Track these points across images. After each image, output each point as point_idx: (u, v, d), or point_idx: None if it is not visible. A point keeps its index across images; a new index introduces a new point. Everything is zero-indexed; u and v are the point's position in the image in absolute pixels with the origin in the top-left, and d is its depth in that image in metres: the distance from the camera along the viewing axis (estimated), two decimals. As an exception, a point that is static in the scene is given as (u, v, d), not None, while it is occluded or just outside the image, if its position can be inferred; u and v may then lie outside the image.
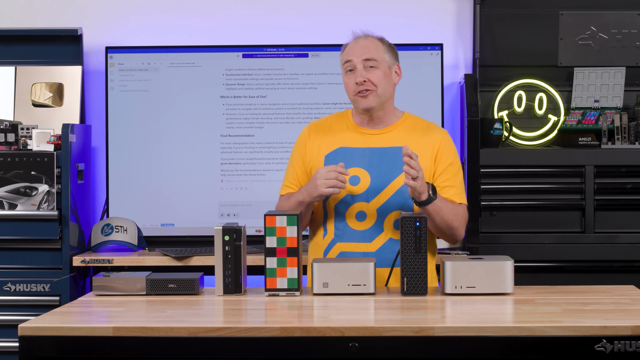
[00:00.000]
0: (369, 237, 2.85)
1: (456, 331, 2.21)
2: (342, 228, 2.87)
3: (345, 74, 2.90)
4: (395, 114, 2.96)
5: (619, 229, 3.88)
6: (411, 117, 2.98)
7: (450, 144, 2.93)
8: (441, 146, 2.89)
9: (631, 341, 2.19)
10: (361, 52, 2.86)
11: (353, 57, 2.87)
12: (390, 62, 2.91)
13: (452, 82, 4.19)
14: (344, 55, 2.91)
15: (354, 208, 2.86)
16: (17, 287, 3.71)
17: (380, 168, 2.86)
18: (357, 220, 2.86)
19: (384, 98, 2.89)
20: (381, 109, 2.90)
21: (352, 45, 2.91)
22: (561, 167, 3.89)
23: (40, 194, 3.68)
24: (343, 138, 2.92)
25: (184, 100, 4.07)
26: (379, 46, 2.90)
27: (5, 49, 4.11)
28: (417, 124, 2.96)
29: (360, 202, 2.85)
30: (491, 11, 4.14)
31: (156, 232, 4.04)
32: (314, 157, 2.93)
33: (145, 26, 4.23)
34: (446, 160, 2.89)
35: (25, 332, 2.26)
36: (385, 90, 2.88)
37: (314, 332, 2.22)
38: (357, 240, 2.85)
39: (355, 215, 2.86)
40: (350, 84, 2.87)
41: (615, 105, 4.08)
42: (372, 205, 2.85)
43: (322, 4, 4.24)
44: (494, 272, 2.62)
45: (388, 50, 2.91)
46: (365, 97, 2.85)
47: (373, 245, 2.85)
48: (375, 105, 2.87)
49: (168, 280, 2.68)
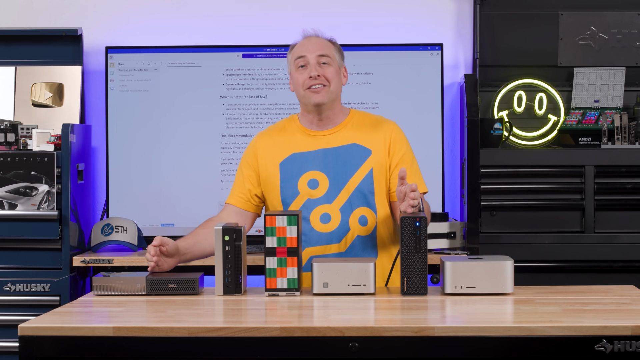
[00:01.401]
0: (337, 238, 2.84)
1: (456, 331, 2.21)
2: (307, 233, 2.85)
3: (296, 69, 2.88)
4: (343, 112, 2.95)
5: (619, 229, 3.88)
6: (358, 114, 2.97)
7: (401, 134, 2.92)
8: (392, 138, 2.89)
9: (631, 341, 2.19)
10: (315, 49, 2.87)
11: (307, 53, 2.87)
12: (340, 63, 2.92)
13: (452, 82, 4.19)
14: (296, 51, 2.90)
15: (317, 211, 2.85)
16: (17, 287, 3.71)
17: (337, 168, 2.86)
18: (322, 222, 2.85)
19: (335, 95, 2.88)
20: (330, 108, 2.89)
21: (305, 42, 2.91)
22: (561, 167, 3.89)
23: (40, 194, 3.68)
24: (294, 143, 2.90)
25: (184, 100, 4.07)
26: (330, 46, 2.91)
27: (5, 49, 4.11)
28: (366, 119, 2.95)
29: (323, 205, 2.85)
30: (491, 11, 4.14)
31: (156, 232, 4.03)
32: (267, 167, 2.90)
33: (145, 26, 4.23)
34: (399, 151, 2.88)
35: (25, 332, 2.26)
36: (336, 87, 2.88)
37: (314, 332, 2.22)
38: (326, 243, 2.85)
39: (320, 217, 2.85)
40: (302, 78, 2.86)
41: (615, 105, 4.08)
42: (335, 205, 2.84)
43: (322, 4, 4.24)
44: (494, 272, 2.62)
45: (338, 51, 2.93)
46: (318, 92, 2.84)
47: (343, 244, 2.85)
48: (327, 101, 2.85)
49: (168, 280, 2.68)
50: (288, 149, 2.90)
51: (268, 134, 2.97)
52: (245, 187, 2.93)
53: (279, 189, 2.87)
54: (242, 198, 2.93)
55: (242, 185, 2.93)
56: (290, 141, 2.91)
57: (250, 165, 2.93)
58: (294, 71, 2.90)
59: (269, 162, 2.90)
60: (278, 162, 2.89)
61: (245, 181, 2.93)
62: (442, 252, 3.75)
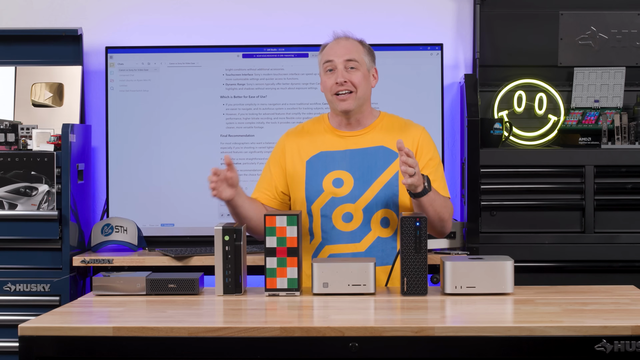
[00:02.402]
0: (357, 237, 2.86)
1: (456, 331, 2.21)
2: (329, 231, 2.87)
3: (324, 73, 2.90)
4: (373, 114, 2.96)
5: (619, 229, 3.87)
6: (388, 116, 2.98)
7: (429, 139, 2.94)
8: (420, 142, 2.91)
9: (631, 341, 2.19)
10: (343, 53, 2.87)
11: (334, 57, 2.87)
12: (369, 65, 2.93)
13: (452, 82, 4.19)
14: (324, 54, 2.91)
15: (340, 210, 2.87)
16: (17, 287, 3.71)
17: (362, 169, 2.87)
18: (344, 221, 2.87)
19: (363, 100, 2.90)
20: (359, 111, 2.91)
21: (333, 45, 2.91)
22: (561, 167, 3.89)
23: (40, 194, 3.68)
24: (322, 142, 2.93)
25: (184, 100, 4.07)
26: (360, 48, 2.91)
27: (5, 49, 4.11)
28: (395, 122, 2.97)
29: (346, 204, 2.86)
30: (491, 11, 4.14)
31: (156, 232, 4.04)
32: (294, 164, 2.93)
33: (145, 26, 4.23)
34: (426, 156, 2.90)
35: (25, 332, 2.26)
36: (364, 92, 2.89)
37: (314, 332, 2.22)
38: (346, 242, 2.86)
39: (342, 216, 2.87)
40: (330, 83, 2.87)
41: (615, 105, 4.08)
42: (358, 205, 2.86)
43: (322, 4, 4.24)
44: (494, 272, 2.62)
45: (368, 53, 2.93)
46: (345, 100, 2.86)
47: (362, 245, 2.86)
48: (354, 107, 2.88)
49: (168, 280, 2.68)
50: (316, 148, 2.92)
51: (297, 132, 3.00)
52: (271, 184, 2.96)
53: (304, 186, 2.90)
54: (267, 195, 2.96)
55: (269, 181, 2.96)
56: (319, 140, 2.93)
57: (278, 162, 2.96)
58: (322, 74, 2.92)
59: (296, 159, 2.93)
60: (305, 159, 2.92)
61: (272, 177, 2.96)
62: (442, 252, 3.75)
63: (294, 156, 2.93)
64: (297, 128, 3.02)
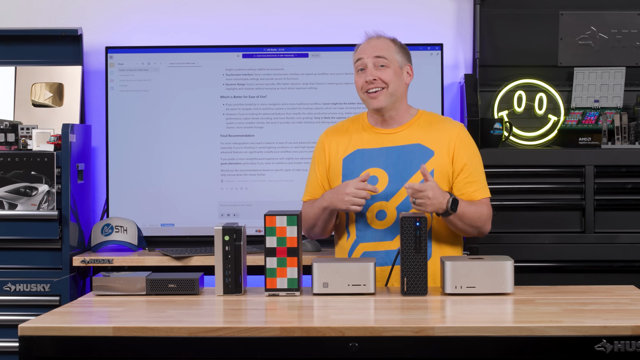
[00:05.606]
0: (390, 236, 2.86)
1: (456, 331, 2.21)
2: (363, 229, 2.89)
3: (356, 72, 2.93)
4: (410, 112, 2.98)
5: (619, 229, 3.87)
6: (426, 114, 3.00)
7: (467, 137, 2.95)
8: (458, 141, 2.91)
9: (631, 341, 2.19)
10: (372, 51, 2.90)
11: (364, 55, 2.90)
12: (402, 63, 2.94)
13: (452, 82, 4.19)
14: (356, 54, 2.95)
15: (374, 207, 2.88)
16: (17, 287, 3.71)
17: (398, 167, 2.88)
18: (378, 219, 2.88)
19: (395, 97, 2.90)
20: (393, 108, 2.92)
21: (364, 45, 2.95)
22: (561, 167, 3.89)
23: (40, 194, 3.68)
24: (359, 140, 2.95)
25: (184, 100, 4.07)
26: (391, 46, 2.92)
27: (5, 49, 4.11)
28: (432, 120, 2.98)
29: (380, 202, 2.87)
30: (491, 11, 4.14)
31: (156, 232, 4.04)
32: (332, 161, 2.96)
33: (145, 26, 4.23)
34: (464, 155, 2.90)
35: (25, 332, 2.26)
36: (396, 89, 2.90)
37: (314, 332, 2.22)
38: (379, 240, 2.87)
39: (376, 214, 2.88)
40: (360, 81, 2.90)
41: (615, 105, 4.08)
42: (392, 203, 2.87)
43: (322, 4, 4.24)
44: (494, 272, 2.62)
45: (400, 50, 2.94)
46: (375, 97, 2.88)
47: (394, 243, 2.86)
48: (386, 104, 2.89)
49: (168, 280, 2.68)
50: (353, 145, 2.94)
51: (335, 130, 3.03)
52: (318, 184, 2.99)
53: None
54: (314, 196, 2.99)
55: (315, 182, 3.00)
56: (356, 138, 2.95)
57: (321, 161, 2.99)
58: (355, 74, 2.94)
59: (333, 157, 2.96)
60: (342, 157, 2.94)
61: (318, 179, 2.99)
62: (442, 252, 3.75)
63: (332, 154, 2.97)
64: (336, 126, 3.05)
